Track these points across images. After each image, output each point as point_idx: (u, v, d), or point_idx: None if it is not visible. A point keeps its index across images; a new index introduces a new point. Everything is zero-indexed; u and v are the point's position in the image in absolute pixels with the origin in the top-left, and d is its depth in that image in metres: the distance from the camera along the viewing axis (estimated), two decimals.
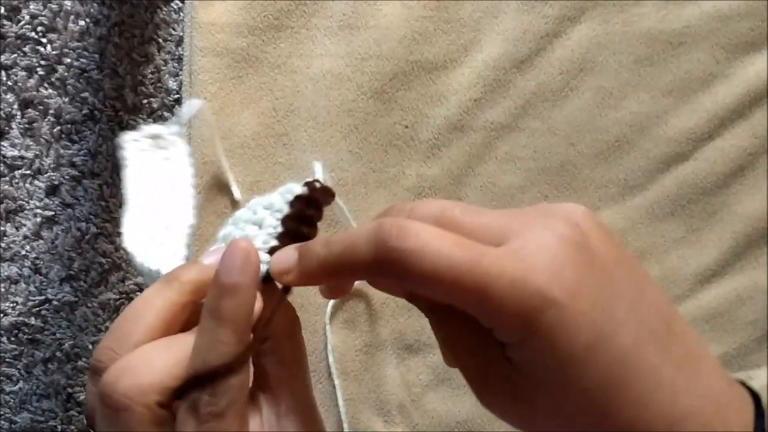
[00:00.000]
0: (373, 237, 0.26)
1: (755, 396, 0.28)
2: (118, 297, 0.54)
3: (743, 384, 0.29)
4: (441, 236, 0.25)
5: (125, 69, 0.53)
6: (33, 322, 0.53)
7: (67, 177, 0.53)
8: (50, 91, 0.53)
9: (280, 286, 0.30)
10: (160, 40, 0.53)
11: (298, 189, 0.31)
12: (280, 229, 0.30)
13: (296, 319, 0.31)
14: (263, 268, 0.29)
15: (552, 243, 0.26)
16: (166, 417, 0.27)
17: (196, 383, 0.27)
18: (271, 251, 0.30)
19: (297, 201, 0.31)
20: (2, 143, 0.53)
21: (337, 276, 0.28)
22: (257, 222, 0.31)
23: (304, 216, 0.30)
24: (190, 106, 0.47)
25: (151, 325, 0.29)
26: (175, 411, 0.27)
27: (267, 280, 0.29)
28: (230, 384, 0.27)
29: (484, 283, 0.25)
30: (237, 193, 0.52)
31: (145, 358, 0.27)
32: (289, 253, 0.29)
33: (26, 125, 0.53)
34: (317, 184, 0.31)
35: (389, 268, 0.25)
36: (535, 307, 0.25)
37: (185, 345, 0.28)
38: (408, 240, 0.25)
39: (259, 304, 0.29)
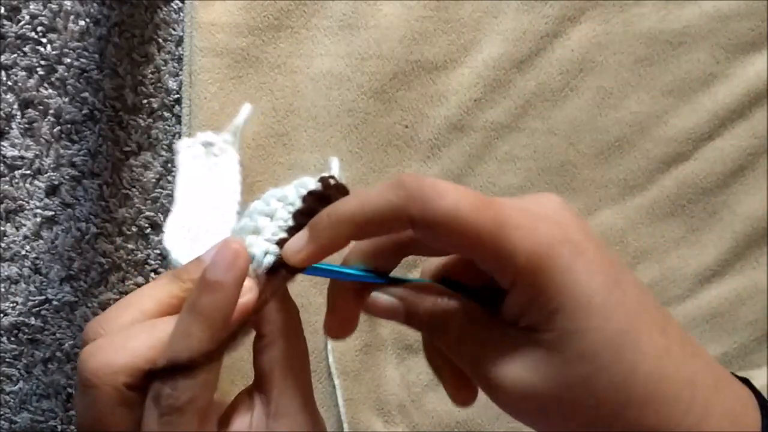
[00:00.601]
0: (395, 183, 0.27)
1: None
2: (118, 297, 0.54)
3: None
4: (454, 184, 0.27)
5: (125, 69, 0.53)
6: (33, 322, 0.53)
7: (67, 177, 0.53)
8: (50, 91, 0.53)
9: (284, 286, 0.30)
10: (160, 40, 0.53)
11: (313, 184, 0.31)
12: (291, 223, 0.30)
13: (297, 318, 0.31)
14: (270, 258, 0.29)
15: (552, 207, 0.27)
16: (135, 399, 0.27)
17: (168, 372, 0.26)
18: (280, 243, 0.30)
19: (310, 196, 0.31)
20: (2, 143, 0.53)
21: (350, 232, 0.28)
22: (269, 213, 0.31)
23: (315, 212, 0.30)
24: (242, 113, 0.48)
25: (145, 311, 0.29)
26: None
27: (272, 271, 0.29)
28: (195, 379, 0.26)
29: (501, 219, 0.26)
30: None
31: (122, 339, 0.27)
32: (301, 234, 0.29)
33: (26, 125, 0.53)
34: (332, 181, 0.31)
35: (411, 206, 0.26)
36: (551, 245, 0.26)
37: (167, 330, 0.27)
38: (428, 180, 0.26)
39: (251, 295, 0.29)
